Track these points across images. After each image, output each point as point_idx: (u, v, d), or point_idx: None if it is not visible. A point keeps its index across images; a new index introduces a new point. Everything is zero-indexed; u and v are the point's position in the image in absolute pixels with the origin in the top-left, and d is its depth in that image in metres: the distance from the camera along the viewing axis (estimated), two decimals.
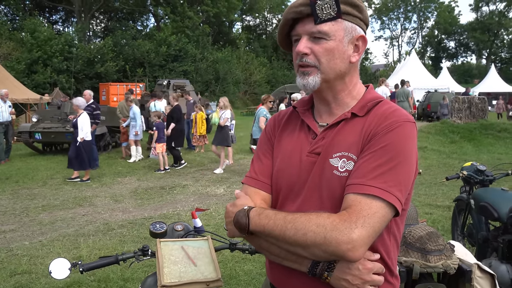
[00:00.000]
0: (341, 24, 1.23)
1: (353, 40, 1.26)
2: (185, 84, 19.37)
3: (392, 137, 1.17)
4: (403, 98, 13.96)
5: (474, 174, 4.00)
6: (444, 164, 10.57)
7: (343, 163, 1.21)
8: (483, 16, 59.83)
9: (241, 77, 37.80)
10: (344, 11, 1.22)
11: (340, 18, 1.22)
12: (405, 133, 1.18)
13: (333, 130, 1.27)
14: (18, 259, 4.84)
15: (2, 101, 11.23)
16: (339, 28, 1.23)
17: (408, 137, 1.19)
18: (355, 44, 1.27)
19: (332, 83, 1.28)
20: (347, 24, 1.24)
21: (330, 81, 1.27)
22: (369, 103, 1.27)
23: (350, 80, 1.31)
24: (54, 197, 7.81)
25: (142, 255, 1.93)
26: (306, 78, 1.26)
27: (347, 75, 1.29)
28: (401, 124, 1.19)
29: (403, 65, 31.66)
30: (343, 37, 1.24)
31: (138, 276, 4.20)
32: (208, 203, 7.27)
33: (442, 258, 2.15)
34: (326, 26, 1.22)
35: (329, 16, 1.21)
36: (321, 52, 1.23)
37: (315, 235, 1.09)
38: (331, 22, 1.22)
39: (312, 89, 1.27)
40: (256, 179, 1.37)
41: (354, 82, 1.32)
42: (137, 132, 11.21)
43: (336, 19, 1.22)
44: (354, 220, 1.08)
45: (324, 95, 1.32)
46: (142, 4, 41.08)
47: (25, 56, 25.95)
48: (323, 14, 1.21)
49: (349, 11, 1.23)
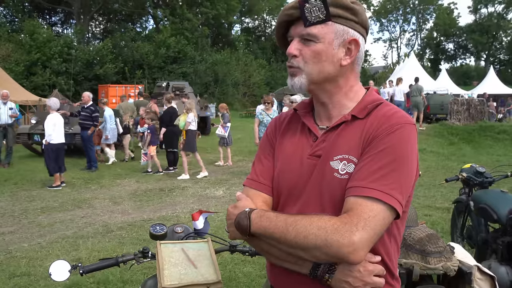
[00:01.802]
0: (332, 27, 1.23)
1: (345, 43, 1.25)
2: (184, 86, 19.37)
3: (393, 140, 1.17)
4: (417, 93, 15.39)
5: (474, 176, 4.00)
6: (442, 166, 10.58)
7: (343, 166, 1.21)
8: (482, 18, 59.87)
9: (240, 79, 37.79)
10: (335, 14, 1.22)
11: (329, 20, 1.22)
12: (405, 135, 1.19)
13: (334, 133, 1.27)
14: (17, 261, 4.83)
15: (2, 102, 10.79)
16: (328, 31, 1.23)
17: (409, 139, 1.19)
18: (347, 48, 1.26)
19: (321, 85, 1.28)
20: (338, 27, 1.24)
21: (318, 83, 1.28)
22: (369, 105, 1.27)
23: (346, 82, 1.30)
24: (53, 199, 7.80)
25: (142, 257, 1.93)
26: (293, 79, 1.29)
27: (341, 78, 1.29)
28: (402, 126, 1.19)
29: (402, 67, 31.63)
30: (333, 40, 1.24)
31: (138, 278, 4.19)
32: (207, 205, 7.26)
33: (442, 260, 2.15)
34: (315, 29, 1.22)
35: (318, 19, 1.22)
36: (308, 54, 1.25)
37: (316, 238, 1.09)
38: (321, 24, 1.22)
39: (299, 89, 1.29)
40: (257, 181, 1.37)
41: (351, 84, 1.32)
42: (107, 136, 11.11)
43: (325, 22, 1.22)
44: (355, 223, 1.08)
45: (319, 97, 1.33)
46: (141, 6, 41.04)
47: (24, 57, 25.92)
48: (312, 17, 1.21)
49: (341, 13, 1.23)
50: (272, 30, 54.80)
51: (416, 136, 1.22)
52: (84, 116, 10.40)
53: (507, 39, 58.53)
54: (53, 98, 9.30)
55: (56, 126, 8.60)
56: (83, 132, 10.39)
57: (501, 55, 60.40)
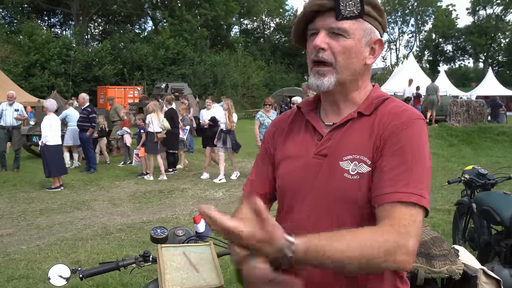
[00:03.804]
0: (361, 24, 1.21)
1: (371, 43, 1.24)
2: (183, 87, 19.35)
3: (408, 136, 1.15)
4: (432, 92, 16.47)
5: (476, 177, 3.98)
6: (443, 167, 10.56)
7: (354, 166, 1.17)
8: (480, 19, 60.03)
9: (239, 80, 37.81)
10: (366, 12, 1.20)
11: (362, 17, 1.20)
12: (419, 131, 1.17)
13: (340, 131, 1.24)
14: (16, 263, 4.79)
15: (8, 103, 10.40)
16: (358, 28, 1.20)
17: (424, 134, 1.18)
18: (371, 47, 1.24)
19: (346, 84, 1.25)
20: (367, 25, 1.22)
21: (345, 82, 1.24)
22: (375, 101, 1.25)
23: (363, 82, 1.28)
24: (52, 201, 7.76)
25: (143, 261, 1.89)
26: (321, 79, 1.22)
27: (361, 77, 1.27)
28: (414, 122, 1.17)
29: (401, 68, 31.63)
30: (362, 37, 1.21)
31: (137, 281, 4.16)
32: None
33: (446, 263, 2.12)
34: (346, 24, 1.19)
35: (352, 14, 1.18)
36: (338, 49, 1.20)
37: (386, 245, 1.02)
38: (352, 20, 1.19)
39: (326, 90, 1.24)
40: (251, 191, 1.35)
41: (365, 84, 1.30)
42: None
43: (357, 18, 1.19)
44: (403, 231, 1.05)
45: (335, 96, 1.28)
46: (140, 8, 41.09)
47: (22, 59, 25.93)
48: (346, 11, 1.18)
49: (371, 12, 1.21)
50: (271, 31, 54.92)
51: (427, 131, 1.21)
52: (81, 118, 10.32)
53: (506, 41, 58.70)
54: (50, 100, 9.23)
55: (52, 127, 8.54)
56: (81, 134, 10.32)
57: (499, 57, 60.57)
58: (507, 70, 57.50)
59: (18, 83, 21.31)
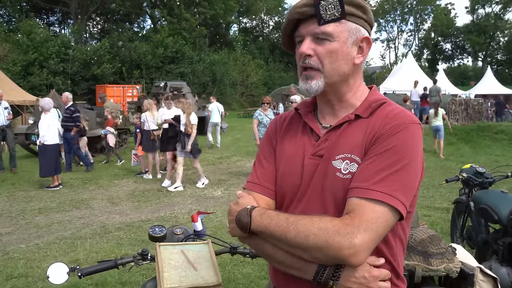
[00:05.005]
0: (345, 25, 1.21)
1: (357, 42, 1.24)
2: (182, 86, 19.32)
3: (397, 140, 1.15)
4: (435, 94, 16.52)
5: (474, 176, 4.00)
6: (441, 166, 10.58)
7: (346, 165, 1.19)
8: (479, 18, 59.97)
9: (238, 79, 37.80)
10: (348, 12, 1.20)
11: (344, 19, 1.20)
12: (410, 135, 1.17)
13: (336, 132, 1.25)
14: (15, 262, 4.80)
15: None
16: (343, 29, 1.21)
17: (413, 139, 1.17)
18: (359, 46, 1.25)
19: (336, 86, 1.26)
20: (351, 25, 1.22)
21: (334, 84, 1.25)
22: (373, 104, 1.26)
23: (354, 81, 1.29)
24: (51, 200, 7.76)
25: (142, 259, 1.90)
26: (309, 83, 1.24)
27: (351, 77, 1.27)
28: (406, 126, 1.18)
29: (400, 67, 31.60)
30: (347, 38, 1.22)
31: (136, 280, 4.17)
32: (206, 205, 7.24)
33: (444, 262, 2.13)
34: (329, 27, 1.20)
35: (333, 17, 1.19)
36: (324, 53, 1.21)
37: (317, 239, 1.07)
38: (335, 23, 1.20)
39: (315, 93, 1.26)
40: (259, 184, 1.34)
41: (358, 84, 1.31)
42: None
43: (340, 20, 1.20)
44: (356, 224, 1.07)
45: (329, 98, 1.30)
46: (139, 6, 41.00)
47: (21, 57, 25.85)
48: (327, 15, 1.18)
49: (353, 12, 1.21)
50: (270, 30, 54.86)
51: (421, 136, 1.21)
52: (65, 118, 10.10)
53: (504, 40, 58.65)
54: (45, 99, 9.06)
55: (50, 126, 8.51)
56: (66, 134, 10.07)
57: (498, 55, 60.52)
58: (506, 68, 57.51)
59: (16, 82, 21.25)
